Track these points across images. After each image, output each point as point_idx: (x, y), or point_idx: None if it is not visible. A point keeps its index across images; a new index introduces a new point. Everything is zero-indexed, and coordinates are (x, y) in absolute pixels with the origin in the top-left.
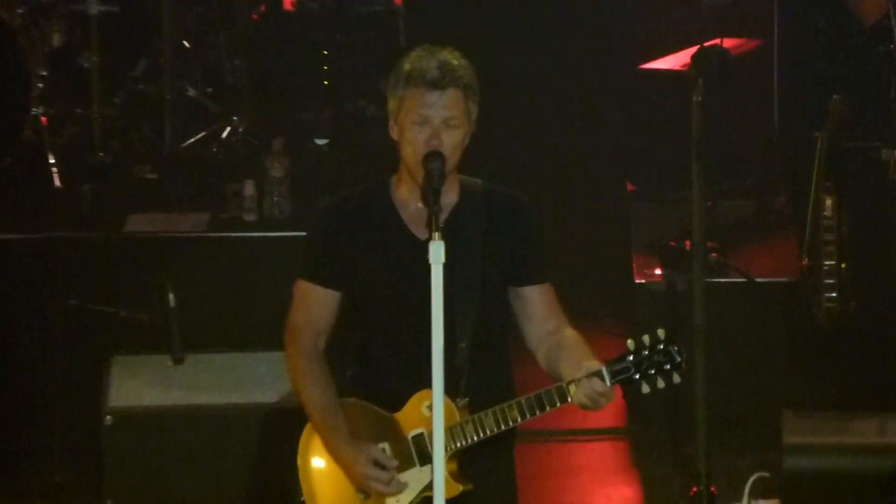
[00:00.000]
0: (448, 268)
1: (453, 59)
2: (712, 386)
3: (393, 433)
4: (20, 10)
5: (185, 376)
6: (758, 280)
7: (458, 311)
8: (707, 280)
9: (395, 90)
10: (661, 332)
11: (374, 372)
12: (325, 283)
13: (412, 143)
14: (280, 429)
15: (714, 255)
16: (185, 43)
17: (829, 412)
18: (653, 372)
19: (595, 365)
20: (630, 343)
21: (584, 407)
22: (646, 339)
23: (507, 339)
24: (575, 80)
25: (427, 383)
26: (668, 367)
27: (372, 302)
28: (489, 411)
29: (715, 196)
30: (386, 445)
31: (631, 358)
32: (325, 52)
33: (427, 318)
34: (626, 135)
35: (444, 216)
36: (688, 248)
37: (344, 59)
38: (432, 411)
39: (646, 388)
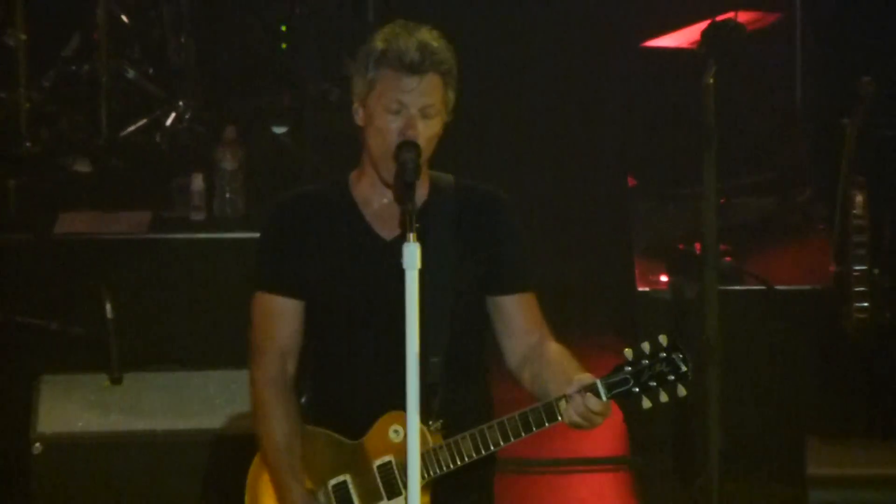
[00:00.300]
0: (419, 273)
1: (433, 40)
2: (726, 409)
3: (356, 463)
4: None
5: (123, 398)
6: (778, 288)
7: (428, 322)
8: (720, 288)
9: (364, 70)
10: (662, 339)
11: (333, 394)
12: (286, 292)
13: (383, 133)
14: (230, 458)
15: (728, 259)
16: (124, 18)
17: (859, 440)
18: (654, 384)
19: (587, 378)
20: (628, 352)
21: (576, 426)
22: (645, 346)
23: (484, 355)
24: (568, 60)
25: (394, 404)
26: (672, 377)
27: (331, 311)
28: (466, 434)
29: (729, 192)
30: (347, 477)
31: (629, 369)
32: (284, 28)
33: (395, 329)
34: (627, 122)
35: None
36: (698, 251)
37: (304, 36)
38: (400, 436)
39: (647, 403)
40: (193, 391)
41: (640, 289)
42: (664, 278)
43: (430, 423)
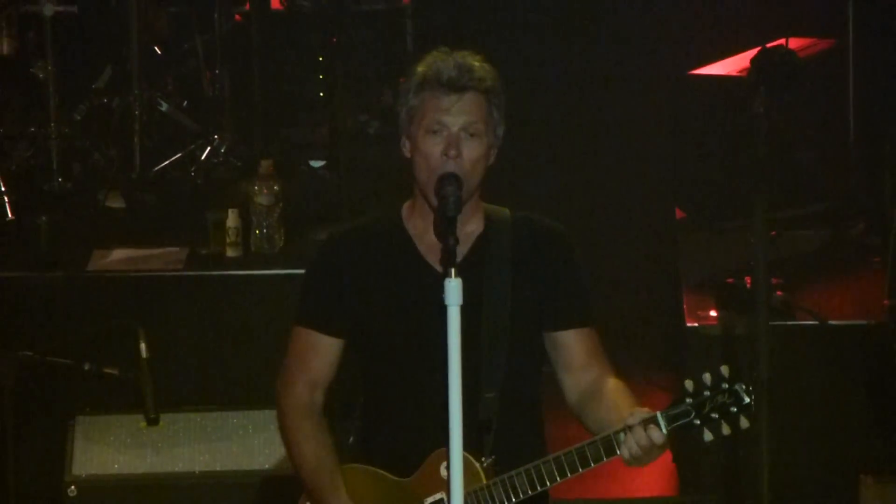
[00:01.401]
0: (473, 309)
1: (474, 60)
2: (778, 447)
3: (406, 501)
4: None
5: (160, 439)
6: (831, 323)
7: (485, 357)
8: (771, 323)
9: (406, 99)
10: (724, 370)
11: (383, 431)
12: (327, 330)
13: (426, 158)
14: (269, 499)
15: (779, 293)
16: (157, 49)
17: None
18: (716, 416)
19: (646, 411)
20: (688, 383)
21: (632, 462)
22: (707, 378)
23: (540, 391)
24: (614, 88)
25: (446, 441)
26: (735, 409)
27: (383, 348)
28: (521, 470)
29: (780, 224)
30: None
31: (690, 401)
32: (321, 59)
33: (447, 365)
34: (675, 152)
35: (466, 247)
36: (748, 285)
37: (342, 68)
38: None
39: (708, 436)
40: (231, 431)
41: (690, 324)
42: (714, 313)
43: (483, 459)
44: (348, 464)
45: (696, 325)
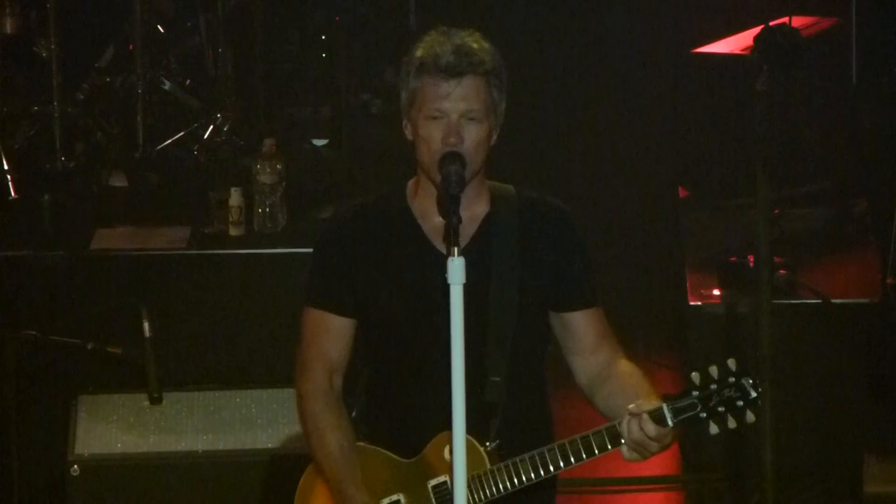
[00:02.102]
0: (480, 290)
1: (473, 41)
2: (781, 426)
3: (410, 482)
4: None
5: (162, 418)
6: (834, 301)
7: (490, 339)
8: (774, 302)
9: (406, 81)
10: (731, 363)
11: (387, 411)
12: (338, 310)
13: (427, 142)
14: (275, 478)
15: (782, 272)
16: (160, 28)
17: None
18: (722, 409)
19: (654, 403)
20: (695, 376)
21: (632, 456)
22: (713, 370)
23: (543, 372)
24: (616, 67)
25: (450, 423)
26: (741, 403)
27: (388, 328)
28: (525, 456)
29: (783, 203)
30: (401, 497)
31: (696, 393)
32: (324, 38)
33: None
34: (678, 131)
35: (473, 229)
36: (751, 264)
37: (345, 46)
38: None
39: (714, 429)
40: (234, 410)
41: (692, 303)
42: (716, 292)
43: (488, 444)
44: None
45: (699, 303)
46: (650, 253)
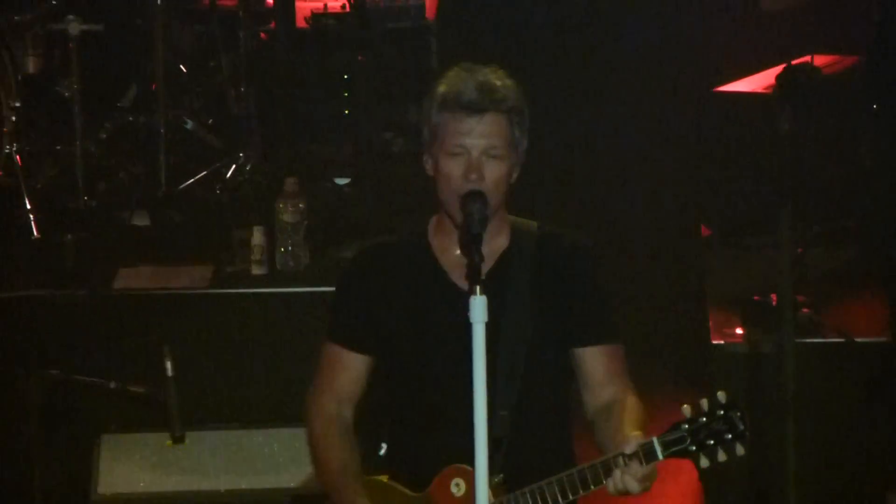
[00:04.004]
0: (492, 324)
1: (496, 78)
2: (803, 465)
3: None
4: None
5: (185, 457)
6: (858, 340)
7: (500, 374)
8: (797, 341)
9: (428, 117)
10: (721, 396)
11: (406, 445)
12: (355, 347)
13: (448, 179)
14: None
15: (805, 311)
16: (182, 67)
17: None
18: (711, 442)
19: (640, 436)
20: (686, 409)
21: (617, 491)
22: (704, 403)
23: (565, 408)
24: (638, 105)
25: (459, 457)
26: (730, 436)
27: (406, 363)
28: (526, 490)
29: (806, 242)
30: None
31: (686, 426)
32: (346, 77)
33: (467, 382)
34: (700, 169)
35: (490, 264)
36: (774, 303)
37: (367, 85)
38: (461, 490)
39: (704, 462)
40: (256, 449)
41: (715, 342)
42: (739, 331)
43: (492, 477)
44: (376, 476)
45: (721, 342)
46: (673, 291)
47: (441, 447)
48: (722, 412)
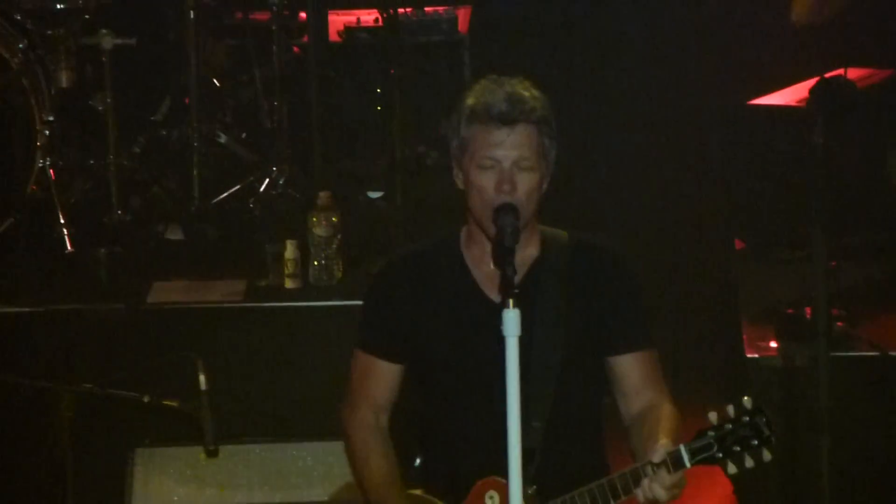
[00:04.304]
0: (524, 335)
1: (524, 89)
2: (838, 479)
3: None
4: (21, 45)
5: (219, 471)
6: (892, 354)
7: (532, 385)
8: (832, 354)
9: (457, 130)
10: (746, 402)
11: (438, 456)
12: (385, 355)
13: (480, 192)
14: None
15: (840, 324)
16: (215, 81)
17: None
18: (738, 449)
19: (670, 444)
20: (712, 416)
21: (650, 500)
22: (730, 410)
23: (598, 418)
24: (671, 118)
25: (494, 469)
26: (756, 441)
27: (438, 376)
28: (558, 500)
29: (840, 254)
30: None
31: (712, 433)
32: (379, 91)
33: (499, 394)
34: (733, 182)
35: (521, 274)
36: (808, 316)
37: (399, 98)
38: (496, 502)
39: (732, 468)
40: (290, 463)
41: (749, 355)
42: (773, 344)
43: (525, 488)
44: (411, 488)
45: (756, 356)
46: (706, 305)
47: (475, 460)
48: (748, 418)
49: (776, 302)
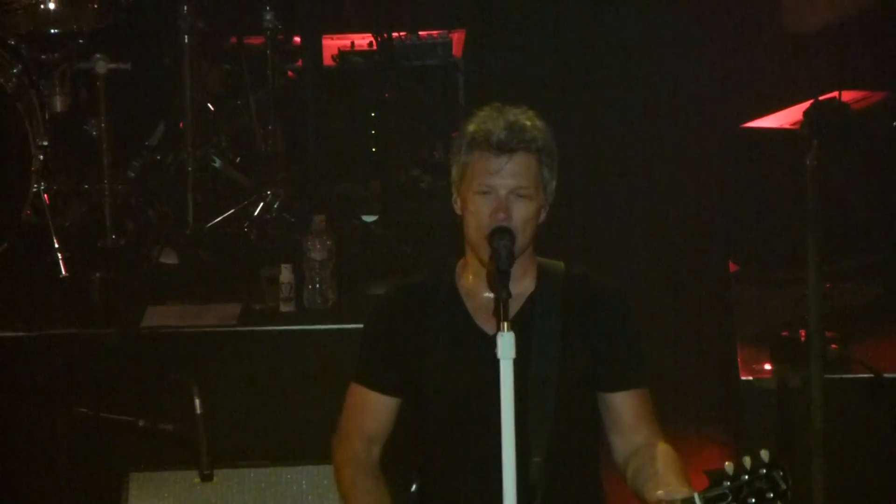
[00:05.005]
0: (520, 368)
1: (526, 119)
2: (833, 500)
3: None
4: (15, 70)
5: (214, 495)
6: (886, 376)
7: (531, 419)
8: (826, 377)
9: (457, 156)
10: (764, 455)
11: (437, 488)
12: (382, 388)
13: (475, 216)
14: None
15: (834, 346)
16: (210, 105)
17: None
18: (753, 500)
19: (685, 491)
20: (728, 466)
21: None
22: (746, 461)
23: (596, 453)
24: (666, 141)
25: (494, 500)
26: (771, 495)
27: (434, 408)
28: None
29: (834, 277)
30: None
31: (728, 483)
32: (373, 115)
33: (497, 426)
34: (727, 205)
35: (517, 305)
36: (803, 338)
37: (394, 122)
38: None
39: None
40: (285, 487)
41: (744, 377)
42: (768, 366)
43: None
44: None
45: (750, 378)
46: (701, 327)
47: (473, 490)
48: (764, 471)
49: (770, 324)
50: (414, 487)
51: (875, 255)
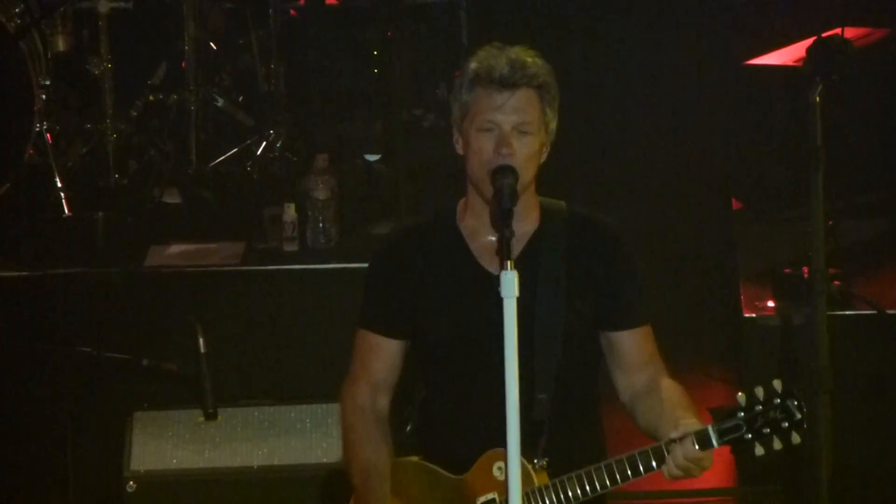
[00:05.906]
0: (526, 307)
1: (527, 56)
2: (836, 436)
3: (458, 499)
4: (17, 10)
5: (218, 434)
6: (889, 312)
7: (537, 357)
8: (829, 313)
9: (459, 95)
10: (777, 384)
11: (439, 427)
12: (387, 332)
13: (478, 154)
14: (331, 492)
15: (837, 283)
16: (212, 45)
17: None
18: (768, 431)
19: (698, 424)
20: (741, 397)
21: (672, 477)
22: (759, 391)
23: (597, 390)
24: (668, 80)
25: (500, 440)
26: (787, 424)
27: (437, 348)
28: (573, 475)
29: (837, 214)
30: None
31: (742, 414)
32: (375, 53)
33: (501, 364)
34: (731, 143)
35: (521, 245)
36: (805, 275)
37: (397, 62)
38: (503, 474)
39: (759, 451)
40: (289, 426)
41: (747, 315)
42: (771, 304)
43: (536, 461)
44: (405, 456)
45: (753, 315)
46: (704, 265)
47: (478, 430)
48: (779, 400)
49: (774, 262)
50: (409, 427)
51: (877, 191)
